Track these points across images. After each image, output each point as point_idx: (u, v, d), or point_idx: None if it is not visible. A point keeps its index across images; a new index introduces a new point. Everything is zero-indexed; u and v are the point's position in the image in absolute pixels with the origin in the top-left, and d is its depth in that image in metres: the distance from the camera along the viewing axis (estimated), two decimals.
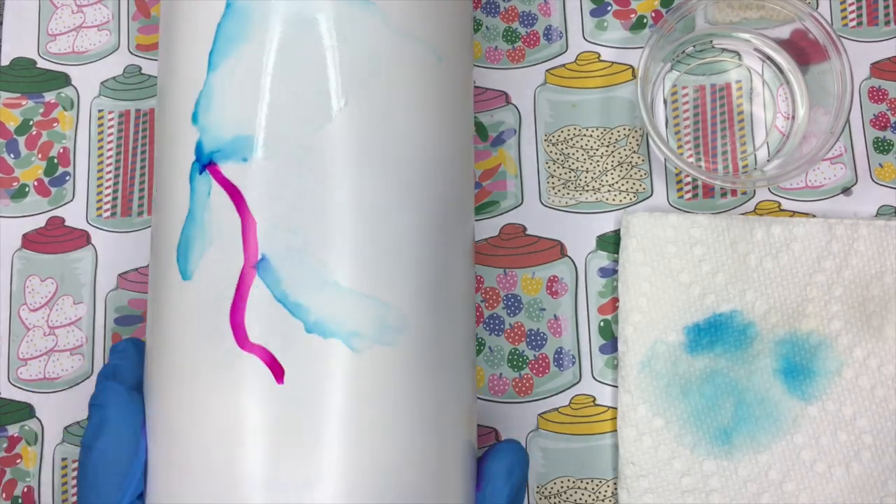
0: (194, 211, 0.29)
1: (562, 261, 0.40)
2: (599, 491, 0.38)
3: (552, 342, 0.39)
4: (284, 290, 0.28)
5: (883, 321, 0.37)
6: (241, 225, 0.29)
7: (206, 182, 0.29)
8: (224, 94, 0.29)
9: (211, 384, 0.28)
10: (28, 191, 0.40)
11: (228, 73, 0.29)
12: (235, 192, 0.29)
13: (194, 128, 0.30)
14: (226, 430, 0.28)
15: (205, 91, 0.29)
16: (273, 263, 0.28)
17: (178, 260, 0.30)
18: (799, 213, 0.40)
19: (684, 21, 0.38)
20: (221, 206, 0.29)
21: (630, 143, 0.40)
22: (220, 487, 0.28)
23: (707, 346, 0.38)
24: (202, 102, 0.30)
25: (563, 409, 0.39)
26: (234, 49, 0.29)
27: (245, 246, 0.29)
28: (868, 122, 0.40)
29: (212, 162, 0.29)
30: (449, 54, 0.32)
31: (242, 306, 0.28)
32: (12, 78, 0.41)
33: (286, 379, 0.28)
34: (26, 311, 0.40)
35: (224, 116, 0.29)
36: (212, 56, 0.30)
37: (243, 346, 0.28)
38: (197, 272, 0.29)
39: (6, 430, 0.39)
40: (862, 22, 0.41)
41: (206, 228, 0.29)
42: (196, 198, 0.29)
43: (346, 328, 0.28)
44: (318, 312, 0.28)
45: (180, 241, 0.30)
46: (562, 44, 0.41)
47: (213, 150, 0.29)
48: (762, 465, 0.37)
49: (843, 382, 0.37)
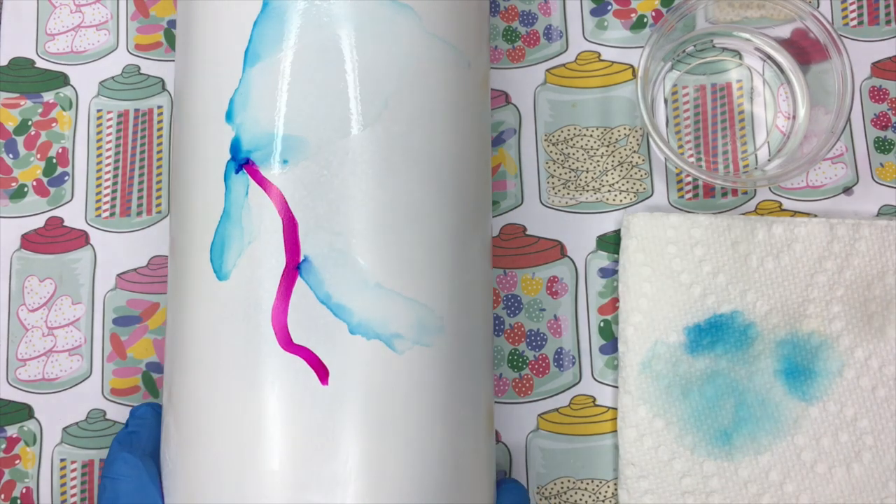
0: (230, 210, 0.29)
1: (562, 261, 0.40)
2: (599, 491, 0.38)
3: (552, 342, 0.39)
4: (328, 292, 0.28)
5: (884, 322, 0.37)
6: (283, 225, 0.29)
7: (242, 181, 0.29)
8: (261, 93, 0.29)
9: (250, 385, 0.28)
10: (27, 191, 0.40)
11: (265, 72, 0.29)
12: (276, 193, 0.29)
13: (228, 126, 0.29)
14: (265, 430, 0.28)
15: (240, 89, 0.29)
16: (315, 264, 0.28)
17: (213, 260, 0.29)
18: (800, 213, 0.40)
19: (685, 20, 0.38)
20: (260, 206, 0.29)
21: (630, 142, 0.40)
22: (255, 486, 0.28)
23: (708, 346, 0.38)
24: (237, 101, 0.29)
25: (564, 410, 0.39)
26: (272, 48, 0.29)
27: (287, 247, 0.29)
28: (869, 122, 0.40)
29: (249, 161, 0.29)
30: (475, 59, 0.32)
31: (285, 307, 0.28)
32: (11, 78, 0.41)
33: (330, 380, 0.28)
34: (25, 312, 0.40)
35: (261, 116, 0.29)
36: (247, 54, 0.29)
37: (286, 346, 0.28)
38: (235, 272, 0.29)
39: (5, 431, 0.39)
40: (863, 21, 0.41)
41: (245, 228, 0.29)
42: (232, 197, 0.29)
43: (388, 330, 0.28)
44: (361, 314, 0.28)
45: (214, 240, 0.30)
46: (562, 43, 0.41)
47: (251, 149, 0.29)
48: (763, 466, 0.37)
49: (844, 383, 0.37)
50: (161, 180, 0.40)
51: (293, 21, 0.29)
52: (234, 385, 0.29)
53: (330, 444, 0.28)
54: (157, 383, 0.39)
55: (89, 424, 0.39)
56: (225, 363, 0.29)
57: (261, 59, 0.29)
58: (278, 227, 0.29)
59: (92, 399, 0.39)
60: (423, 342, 0.29)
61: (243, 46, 0.29)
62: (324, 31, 0.29)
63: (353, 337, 0.28)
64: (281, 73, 0.29)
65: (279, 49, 0.29)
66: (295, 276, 0.28)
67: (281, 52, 0.29)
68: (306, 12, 0.29)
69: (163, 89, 0.41)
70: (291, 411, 0.28)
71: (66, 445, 0.39)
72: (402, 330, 0.29)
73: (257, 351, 0.28)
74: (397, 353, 0.28)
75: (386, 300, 0.29)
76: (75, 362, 0.39)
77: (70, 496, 0.38)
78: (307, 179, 0.29)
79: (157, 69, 0.41)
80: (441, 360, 0.29)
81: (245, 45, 0.29)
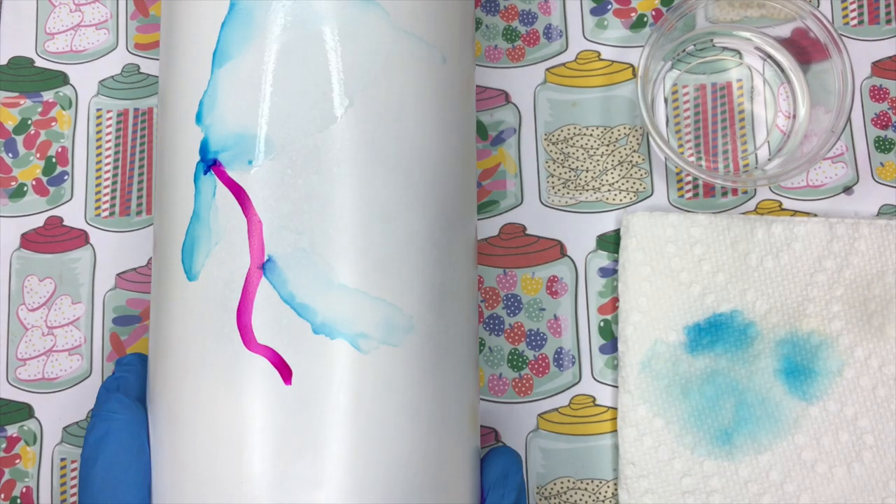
0: (199, 211, 0.29)
1: (562, 260, 0.40)
2: (599, 491, 0.38)
3: (552, 342, 0.39)
4: (291, 291, 0.28)
5: (884, 321, 0.37)
6: (247, 226, 0.29)
7: (210, 182, 0.29)
8: (228, 94, 0.29)
9: (217, 385, 0.28)
10: (26, 190, 0.40)
11: (232, 74, 0.29)
12: (241, 193, 0.29)
13: (198, 128, 0.30)
14: (232, 431, 0.28)
15: (209, 91, 0.29)
16: (279, 264, 0.28)
17: (184, 260, 0.30)
18: (800, 213, 0.40)
19: (685, 20, 0.38)
20: (227, 207, 0.29)
21: (630, 142, 0.40)
22: (226, 487, 0.28)
23: (707, 346, 0.38)
24: (206, 103, 0.30)
25: (563, 410, 0.39)
26: (238, 49, 0.29)
27: (251, 247, 0.29)
28: (869, 121, 0.40)
29: (216, 162, 0.29)
30: (452, 54, 0.32)
31: (249, 307, 0.28)
32: (10, 77, 0.41)
33: (293, 380, 0.28)
34: (25, 311, 0.40)
35: (228, 117, 0.29)
36: (215, 56, 0.29)
37: (250, 346, 0.28)
38: (203, 273, 0.29)
39: (5, 431, 0.39)
40: (863, 20, 0.41)
41: (212, 229, 0.29)
42: (201, 198, 0.29)
43: (352, 329, 0.28)
44: (324, 313, 0.28)
45: (185, 241, 0.30)
46: (562, 42, 0.41)
47: (218, 150, 0.29)
48: (763, 466, 0.37)
49: (844, 382, 0.37)
50: None
51: (259, 22, 0.29)
52: (206, 385, 0.29)
53: (293, 443, 0.28)
54: None
55: None
56: (196, 364, 0.29)
57: (227, 61, 0.29)
58: (244, 227, 0.29)
59: (92, 398, 0.39)
60: (390, 342, 0.29)
61: (212, 48, 0.29)
62: (290, 32, 0.29)
63: (317, 336, 0.28)
64: (247, 75, 0.29)
65: (245, 50, 0.29)
66: (259, 276, 0.28)
67: (247, 54, 0.29)
68: (273, 13, 0.29)
69: None
70: (261, 412, 0.28)
71: (66, 445, 0.39)
72: (368, 329, 0.28)
73: (225, 351, 0.28)
74: (362, 353, 0.28)
75: (350, 299, 0.28)
76: (75, 362, 0.39)
77: (70, 496, 0.38)
78: (271, 179, 0.29)
79: (157, 69, 0.41)
80: (411, 360, 0.29)
81: (213, 46, 0.29)
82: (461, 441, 0.31)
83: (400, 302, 0.29)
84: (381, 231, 0.29)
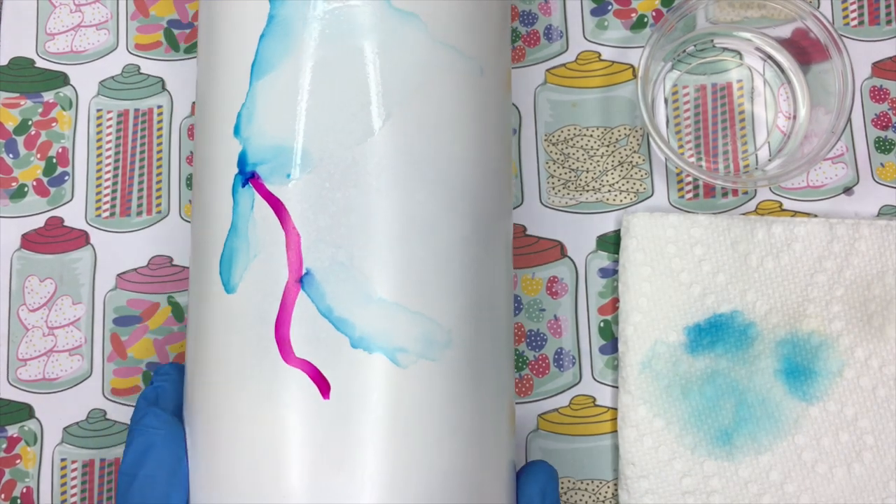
0: (237, 224, 0.29)
1: (562, 261, 0.40)
2: (600, 492, 0.38)
3: (552, 343, 0.39)
4: (329, 305, 0.28)
5: (884, 321, 0.37)
6: (285, 239, 0.29)
7: (248, 195, 0.29)
8: (266, 106, 0.29)
9: (256, 398, 0.28)
10: (27, 191, 0.40)
11: (270, 86, 0.29)
12: (279, 206, 0.29)
13: (236, 140, 0.29)
14: (271, 445, 0.28)
15: (247, 103, 0.29)
16: (317, 278, 0.28)
17: (222, 273, 0.30)
18: (800, 213, 0.40)
19: (685, 20, 0.38)
20: (265, 220, 0.29)
21: (630, 142, 0.40)
22: (263, 500, 0.28)
23: (708, 346, 0.38)
24: (244, 115, 0.29)
25: (563, 410, 0.39)
26: (277, 61, 0.29)
27: (289, 260, 0.28)
28: (869, 122, 0.40)
29: (255, 175, 0.29)
30: (490, 64, 0.32)
31: (287, 321, 0.28)
32: (11, 77, 0.41)
33: (332, 394, 0.28)
34: (25, 312, 0.40)
35: (266, 129, 0.29)
36: (254, 68, 0.29)
37: (288, 360, 0.28)
38: (241, 286, 0.29)
39: (5, 431, 0.39)
40: (863, 21, 0.41)
41: (250, 242, 0.29)
42: (239, 210, 0.29)
43: (391, 343, 0.28)
44: (363, 327, 0.28)
45: (223, 253, 0.30)
46: (562, 43, 0.41)
47: (256, 162, 0.29)
48: (763, 466, 0.37)
49: (844, 383, 0.37)
50: (161, 180, 0.40)
51: (298, 35, 0.29)
52: (244, 399, 0.29)
53: (330, 458, 0.28)
54: None
55: (90, 424, 0.39)
56: (235, 377, 0.29)
57: (266, 73, 0.29)
58: (282, 240, 0.29)
59: (92, 399, 0.39)
60: (428, 356, 0.29)
61: (250, 60, 0.29)
62: (329, 44, 0.29)
63: (355, 351, 0.28)
64: (285, 87, 0.29)
65: (284, 63, 0.29)
66: (297, 290, 0.28)
67: (286, 66, 0.29)
68: (312, 26, 0.29)
69: (163, 89, 0.41)
70: (299, 426, 0.28)
71: (66, 445, 0.39)
72: (407, 344, 0.28)
73: (263, 365, 0.28)
74: (401, 367, 0.28)
75: (389, 314, 0.28)
76: (76, 362, 0.39)
77: (70, 496, 0.38)
78: (309, 192, 0.28)
79: (157, 69, 0.41)
80: (449, 375, 0.29)
81: (252, 58, 0.29)
82: (499, 455, 0.31)
83: (438, 316, 0.29)
84: (419, 244, 0.29)
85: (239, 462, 0.29)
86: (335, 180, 0.28)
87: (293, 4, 0.29)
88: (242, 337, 0.29)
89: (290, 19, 0.29)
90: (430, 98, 0.30)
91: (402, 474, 0.28)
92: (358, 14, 0.29)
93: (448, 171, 0.30)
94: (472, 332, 0.30)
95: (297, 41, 0.29)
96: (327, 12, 0.29)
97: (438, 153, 0.30)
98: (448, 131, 0.30)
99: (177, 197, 0.40)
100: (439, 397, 0.29)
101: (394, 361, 0.28)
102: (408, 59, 0.29)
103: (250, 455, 0.28)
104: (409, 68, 0.29)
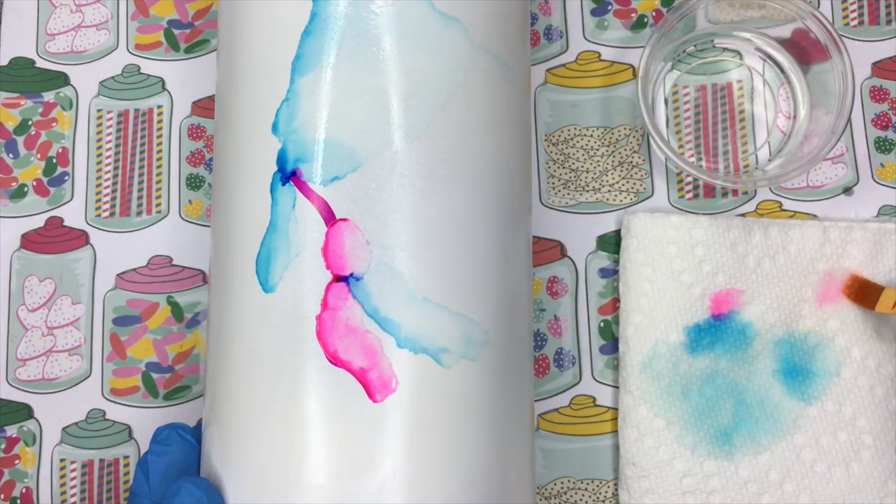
0: (277, 222, 0.29)
1: (562, 261, 0.40)
2: (600, 492, 0.38)
3: (552, 343, 0.39)
4: (375, 305, 0.28)
5: (879, 322, 0.37)
6: (330, 238, 0.28)
7: (290, 193, 0.29)
8: (309, 104, 0.29)
9: (296, 398, 0.28)
10: (27, 191, 0.40)
11: (314, 84, 0.29)
12: (323, 205, 0.28)
13: (274, 138, 0.29)
14: (313, 445, 0.28)
15: (288, 101, 0.29)
16: (364, 278, 0.28)
17: (258, 272, 0.29)
18: (800, 213, 0.40)
19: (685, 20, 0.38)
20: (307, 219, 0.28)
21: (631, 142, 0.40)
22: (300, 501, 0.28)
23: (707, 346, 0.38)
24: (283, 112, 0.29)
25: (564, 410, 0.39)
26: (321, 59, 0.29)
27: (333, 259, 0.28)
28: (869, 122, 0.40)
29: (296, 173, 0.29)
30: (517, 67, 0.32)
31: (332, 320, 0.28)
32: (11, 78, 0.41)
33: (377, 395, 0.28)
34: (25, 312, 0.40)
35: (309, 128, 0.29)
36: (295, 65, 0.29)
37: (334, 361, 0.28)
38: (281, 285, 0.29)
39: (4, 431, 0.39)
40: (863, 21, 0.41)
41: (291, 240, 0.29)
42: (278, 209, 0.29)
43: (435, 344, 0.28)
44: (408, 328, 0.28)
45: (260, 252, 0.29)
46: (562, 43, 0.41)
47: (297, 160, 0.29)
48: (762, 466, 0.37)
49: (842, 383, 0.37)
50: (161, 180, 0.40)
51: (341, 33, 0.29)
52: (280, 398, 0.28)
53: (377, 458, 0.27)
54: (157, 383, 0.39)
55: (89, 424, 0.39)
56: (271, 376, 0.29)
57: (309, 71, 0.29)
58: (326, 239, 0.28)
59: (92, 399, 0.39)
60: (469, 356, 0.29)
61: (290, 57, 0.29)
62: (372, 43, 0.29)
63: (401, 351, 0.28)
64: (328, 85, 0.29)
65: (327, 60, 0.29)
66: (342, 289, 0.28)
67: (329, 64, 0.29)
68: (354, 24, 0.29)
69: (163, 89, 0.41)
70: (338, 426, 0.28)
71: (65, 445, 0.39)
72: (450, 344, 0.28)
73: (304, 365, 0.28)
74: (444, 368, 0.28)
75: (433, 314, 0.28)
76: (75, 362, 0.39)
77: (70, 496, 0.38)
78: (354, 192, 0.28)
79: (158, 69, 0.41)
80: (487, 375, 0.29)
81: (292, 55, 0.29)
82: (524, 453, 0.31)
83: (477, 316, 0.29)
84: (459, 245, 0.29)
85: (272, 464, 0.28)
86: (381, 181, 0.28)
87: (338, 2, 0.29)
88: (283, 337, 0.28)
89: (334, 17, 0.29)
90: (470, 100, 0.30)
91: (441, 474, 0.28)
92: (402, 15, 0.29)
93: (484, 173, 0.30)
94: (507, 332, 0.30)
95: (342, 39, 0.29)
96: (372, 12, 0.29)
97: (476, 155, 0.30)
98: (483, 133, 0.30)
99: (177, 197, 0.40)
100: (478, 397, 0.29)
101: (438, 362, 0.28)
102: (450, 62, 0.29)
103: (286, 452, 0.28)
104: (452, 71, 0.29)
